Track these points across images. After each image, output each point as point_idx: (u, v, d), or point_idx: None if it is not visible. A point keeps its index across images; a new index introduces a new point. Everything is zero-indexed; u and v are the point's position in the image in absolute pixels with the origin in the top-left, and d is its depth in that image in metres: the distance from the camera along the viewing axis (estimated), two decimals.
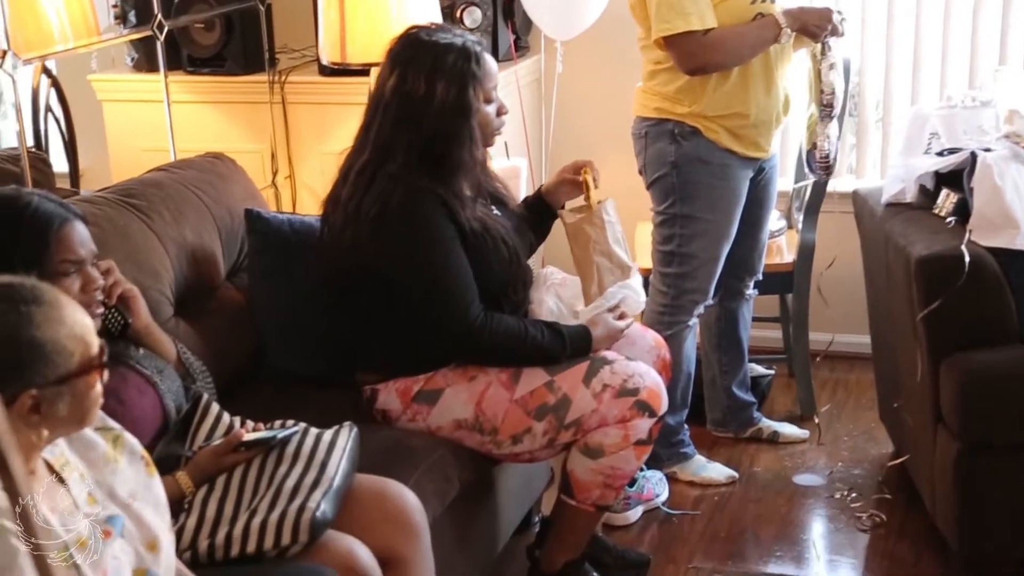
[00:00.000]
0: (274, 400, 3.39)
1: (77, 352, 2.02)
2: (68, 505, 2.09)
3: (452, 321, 3.37)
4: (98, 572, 2.04)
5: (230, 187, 3.99)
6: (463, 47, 3.43)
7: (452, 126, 3.40)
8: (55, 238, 2.62)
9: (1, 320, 1.97)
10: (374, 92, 3.55)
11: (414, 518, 2.94)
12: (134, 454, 2.31)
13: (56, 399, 2.01)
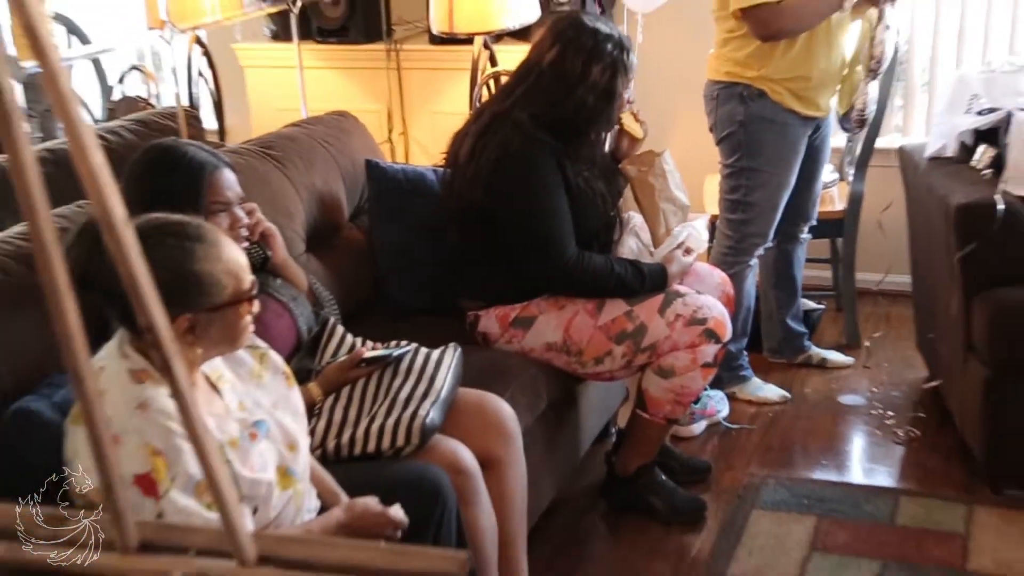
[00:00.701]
0: (390, 324, 3.41)
1: (230, 286, 2.09)
2: (222, 410, 2.19)
3: (550, 257, 3.41)
4: (246, 467, 2.15)
5: (353, 141, 4.05)
6: (620, 39, 3.49)
7: (596, 107, 3.45)
8: (207, 182, 2.68)
9: (168, 252, 2.05)
10: (530, 59, 3.54)
11: (509, 426, 3.00)
12: (277, 369, 2.40)
13: (209, 324, 2.10)
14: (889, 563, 3.44)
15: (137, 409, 2.03)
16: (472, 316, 3.56)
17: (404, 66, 5.05)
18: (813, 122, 4.25)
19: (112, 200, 1.38)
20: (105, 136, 3.64)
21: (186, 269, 2.07)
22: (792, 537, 3.58)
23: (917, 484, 3.94)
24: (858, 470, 4.09)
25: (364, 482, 2.52)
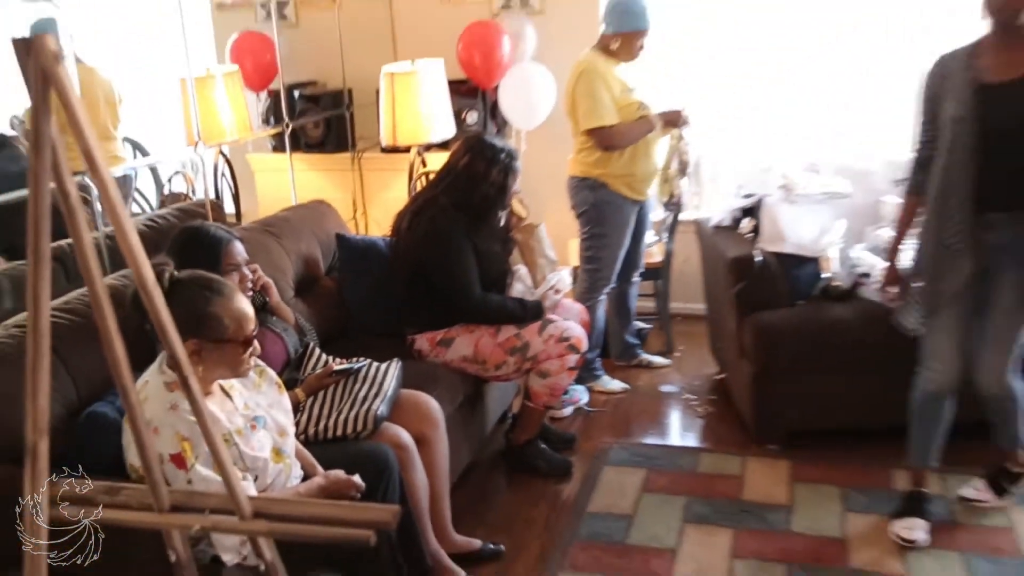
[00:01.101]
0: (353, 346, 3.35)
1: (231, 328, 2.12)
2: (232, 409, 2.22)
3: (463, 298, 3.44)
4: (249, 447, 2.17)
5: (327, 220, 4.05)
6: (510, 151, 3.54)
7: (495, 197, 3.49)
8: (224, 251, 2.73)
9: (194, 296, 2.11)
10: (449, 163, 3.56)
11: (435, 415, 3.02)
12: (271, 381, 2.42)
13: (212, 352, 2.12)
14: (693, 498, 3.49)
15: (170, 409, 2.06)
16: (410, 339, 3.55)
17: (364, 167, 5.06)
18: (639, 203, 4.29)
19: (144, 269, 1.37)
20: (156, 219, 3.68)
21: (201, 309, 2.10)
22: (630, 483, 3.61)
23: (711, 444, 3.98)
24: (674, 436, 4.14)
25: (335, 457, 2.53)
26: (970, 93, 2.66)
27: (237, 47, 4.80)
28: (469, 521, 3.32)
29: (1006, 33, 2.63)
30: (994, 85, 2.66)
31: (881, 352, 3.61)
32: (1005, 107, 2.64)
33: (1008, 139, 2.65)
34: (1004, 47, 2.67)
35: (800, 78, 5.05)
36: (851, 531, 3.23)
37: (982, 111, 2.64)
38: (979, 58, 2.70)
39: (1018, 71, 2.64)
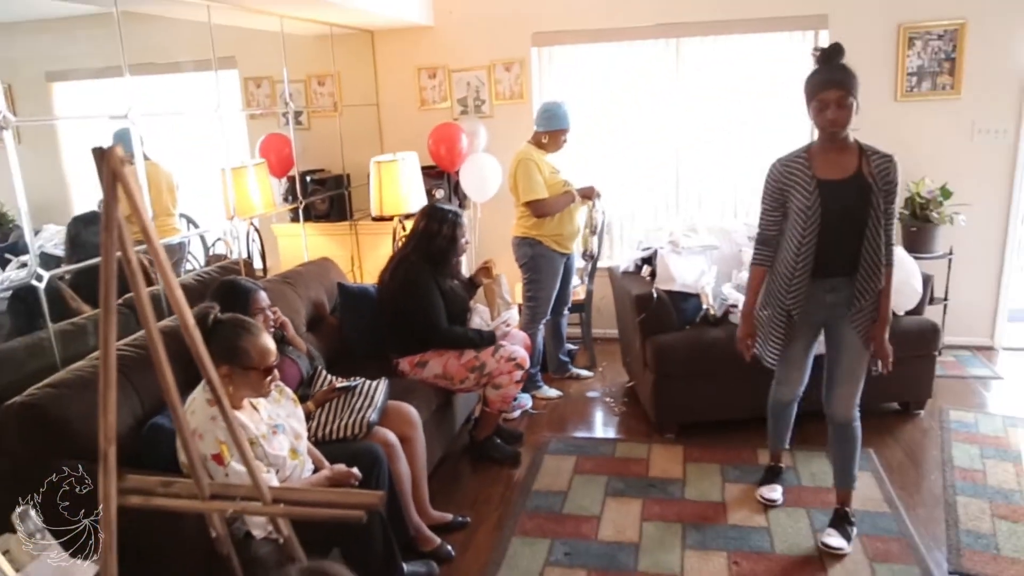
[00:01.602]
0: (351, 368, 3.28)
1: (256, 359, 2.12)
2: (258, 419, 2.21)
3: (433, 330, 3.41)
4: (271, 448, 2.16)
5: (331, 273, 4.01)
6: (455, 212, 3.53)
7: (447, 247, 3.48)
8: (251, 299, 2.73)
9: (230, 333, 2.11)
10: (413, 227, 3.56)
11: (415, 420, 3.00)
12: (289, 396, 2.41)
13: (240, 376, 2.12)
14: (612, 476, 3.49)
15: (211, 420, 2.05)
16: (395, 361, 3.52)
17: (359, 232, 5.03)
18: (566, 256, 4.30)
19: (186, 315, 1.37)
20: (202, 275, 3.63)
21: (234, 343, 2.09)
22: (565, 467, 3.60)
23: (625, 435, 3.96)
24: (597, 430, 4.09)
25: (338, 454, 2.53)
26: (814, 187, 2.61)
27: (264, 145, 4.80)
28: (443, 500, 3.30)
29: (831, 142, 2.62)
30: (829, 182, 2.61)
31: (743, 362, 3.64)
32: (839, 200, 2.60)
33: (841, 223, 2.62)
34: (833, 151, 2.63)
35: (682, 162, 5.13)
36: (728, 496, 3.27)
37: (823, 202, 2.60)
38: (814, 160, 2.66)
39: (846, 172, 2.61)
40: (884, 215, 2.62)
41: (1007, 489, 3.27)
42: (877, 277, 2.68)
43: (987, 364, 4.71)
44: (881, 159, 2.62)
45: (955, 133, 4.69)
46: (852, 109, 2.55)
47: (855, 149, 2.64)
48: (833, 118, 2.55)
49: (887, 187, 2.60)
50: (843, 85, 2.53)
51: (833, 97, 2.53)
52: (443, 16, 5.11)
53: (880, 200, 2.59)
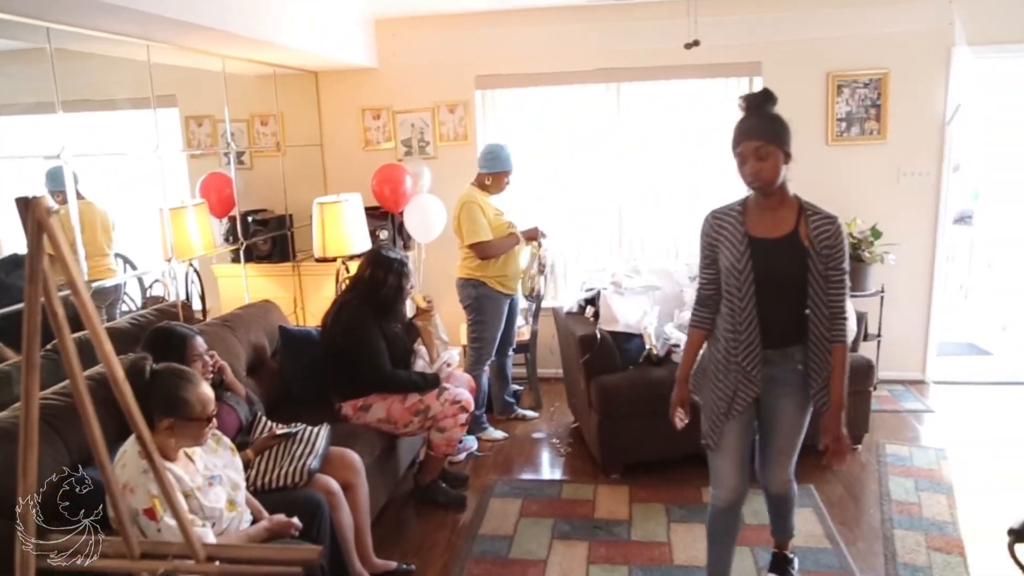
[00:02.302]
0: (292, 413, 3.26)
1: (198, 408, 2.08)
2: (193, 470, 2.14)
3: (376, 374, 3.38)
4: (207, 500, 2.09)
5: (272, 315, 3.94)
6: (402, 260, 3.51)
7: (394, 297, 3.46)
8: (187, 345, 2.67)
9: (170, 384, 2.05)
10: (358, 273, 3.54)
11: (357, 466, 2.94)
12: (226, 445, 2.35)
13: (182, 428, 2.07)
14: (558, 519, 3.47)
15: (143, 472, 1.97)
16: (337, 406, 3.47)
17: (302, 273, 4.97)
18: (510, 297, 4.31)
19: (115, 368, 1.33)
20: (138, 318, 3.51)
21: (175, 394, 2.04)
22: (511, 510, 3.56)
23: (571, 476, 3.94)
24: (543, 471, 4.06)
25: (278, 504, 2.47)
26: (745, 245, 2.32)
27: (205, 185, 4.72)
28: (387, 546, 3.23)
29: (766, 197, 2.34)
30: (762, 240, 2.33)
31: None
32: (771, 260, 2.32)
33: (774, 287, 2.33)
34: (768, 206, 2.35)
35: (624, 203, 5.22)
36: (674, 536, 3.27)
37: (754, 263, 2.32)
38: (747, 215, 2.38)
39: (781, 230, 2.32)
40: (825, 281, 2.31)
41: (941, 521, 3.35)
42: (826, 351, 2.36)
43: (919, 398, 4.85)
44: (821, 220, 2.31)
45: (883, 176, 4.89)
46: (777, 160, 2.26)
47: (794, 206, 2.35)
48: (753, 171, 2.27)
49: (826, 251, 2.28)
50: (761, 134, 2.25)
51: (750, 149, 2.26)
52: (387, 58, 5.15)
53: (817, 265, 2.29)
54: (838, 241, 2.29)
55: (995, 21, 4.60)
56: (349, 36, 4.74)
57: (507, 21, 4.96)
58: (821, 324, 2.35)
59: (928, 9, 4.65)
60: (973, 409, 4.68)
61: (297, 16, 4.05)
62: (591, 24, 4.89)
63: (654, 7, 4.76)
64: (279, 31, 3.86)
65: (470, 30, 5.01)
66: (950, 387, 5.05)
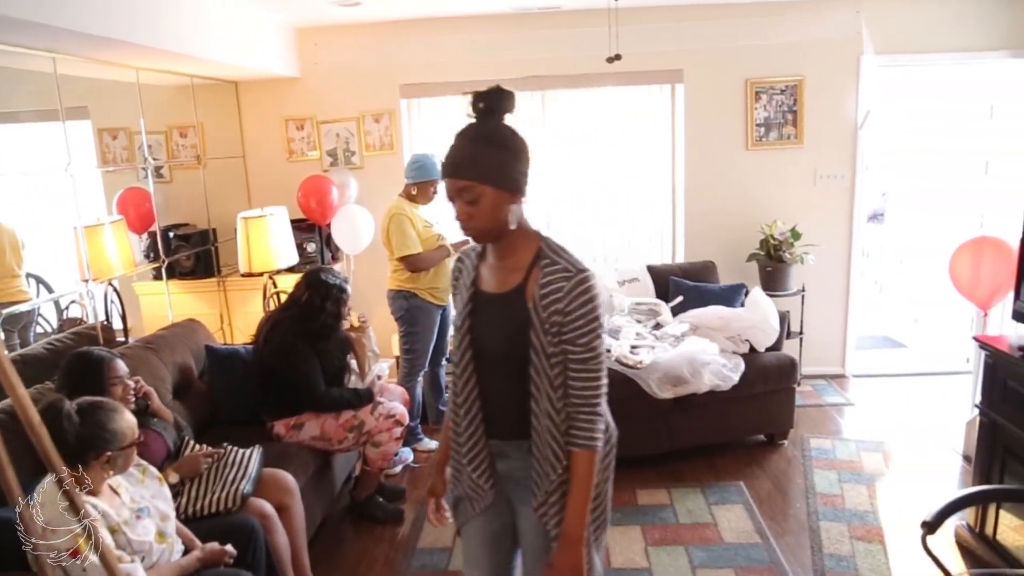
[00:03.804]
0: (222, 434, 3.17)
1: (129, 436, 2.06)
2: (119, 504, 2.10)
3: (311, 394, 3.34)
4: (135, 534, 2.05)
5: (198, 334, 3.85)
6: (341, 284, 3.46)
7: (332, 323, 3.41)
8: (106, 369, 2.60)
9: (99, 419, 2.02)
10: (294, 295, 3.45)
11: (291, 487, 2.91)
12: (153, 475, 2.30)
13: (118, 457, 2.04)
14: None
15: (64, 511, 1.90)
16: (269, 425, 3.42)
17: (228, 289, 4.89)
18: (442, 307, 4.30)
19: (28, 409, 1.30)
20: (54, 342, 3.40)
21: (107, 427, 2.02)
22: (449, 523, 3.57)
23: None
24: None
25: (210, 531, 2.43)
26: (468, 299, 1.78)
27: (122, 200, 4.59)
28: (325, 565, 3.21)
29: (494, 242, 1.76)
30: (485, 295, 1.77)
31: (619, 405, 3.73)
32: (490, 323, 1.75)
33: (494, 360, 1.75)
34: (498, 251, 1.77)
35: (551, 209, 5.30)
36: (611, 540, 3.32)
37: (471, 323, 1.77)
38: (483, 260, 1.82)
39: (507, 284, 1.73)
40: (556, 359, 1.66)
41: (862, 511, 3.52)
42: (556, 454, 1.70)
43: (840, 392, 5.08)
44: (556, 275, 1.66)
45: (800, 179, 5.10)
46: (494, 203, 1.65)
47: (531, 252, 1.73)
48: (461, 217, 1.68)
49: (556, 317, 1.64)
50: (467, 171, 1.64)
51: (454, 190, 1.67)
52: (310, 67, 5.09)
53: (542, 336, 1.65)
54: (575, 305, 1.63)
55: (899, 32, 4.86)
56: (268, 45, 4.68)
57: (431, 29, 4.97)
58: (548, 418, 1.68)
59: (839, 19, 4.88)
60: (890, 400, 4.92)
61: (212, 26, 3.98)
62: (515, 33, 4.94)
63: (577, 16, 4.85)
64: (193, 42, 3.78)
65: (394, 39, 5.00)
66: (868, 380, 5.30)
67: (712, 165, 5.09)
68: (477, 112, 1.68)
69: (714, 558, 3.16)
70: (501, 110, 1.69)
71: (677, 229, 5.24)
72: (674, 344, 4.01)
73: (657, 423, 3.89)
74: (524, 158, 1.70)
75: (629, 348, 3.95)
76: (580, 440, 1.68)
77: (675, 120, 5.12)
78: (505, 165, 1.66)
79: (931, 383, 5.17)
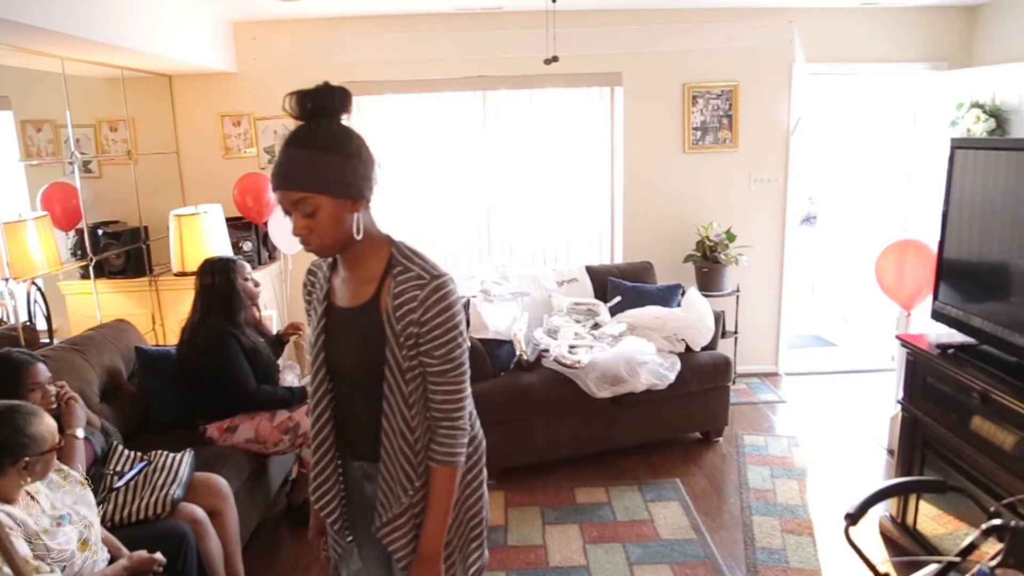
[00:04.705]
0: (153, 439, 3.16)
1: (49, 440, 1.99)
2: (38, 511, 2.02)
3: (241, 392, 3.26)
4: (55, 543, 1.97)
5: (127, 335, 3.73)
6: (226, 259, 3.42)
7: (229, 293, 3.33)
8: (25, 373, 2.51)
9: (16, 422, 1.96)
10: (201, 290, 3.38)
11: (224, 491, 2.85)
12: (75, 480, 2.21)
13: (37, 463, 1.97)
14: None
15: None
16: (201, 428, 3.33)
17: (160, 288, 4.73)
18: None
19: None
20: None
21: (27, 431, 1.94)
22: None
23: None
24: None
25: (139, 538, 2.35)
26: (322, 313, 1.68)
27: (47, 196, 4.41)
28: (260, 571, 3.15)
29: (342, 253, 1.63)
30: (338, 309, 1.67)
31: (558, 404, 3.82)
32: (343, 339, 1.66)
33: (357, 376, 1.67)
34: (348, 262, 1.64)
35: (493, 210, 5.29)
36: (549, 539, 3.36)
37: (327, 339, 1.68)
38: (335, 272, 1.70)
39: (360, 297, 1.63)
40: (406, 375, 1.58)
41: (793, 505, 3.62)
42: (409, 475, 1.63)
43: (773, 389, 5.21)
44: (410, 282, 1.57)
45: (735, 182, 5.22)
46: (334, 213, 1.52)
47: (382, 261, 1.62)
48: (299, 231, 1.54)
49: (412, 328, 1.56)
50: (300, 181, 1.49)
51: (285, 202, 1.53)
52: (247, 62, 4.99)
53: (398, 351, 1.57)
54: (431, 315, 1.55)
55: (829, 42, 5.01)
56: (202, 38, 4.56)
57: (373, 27, 4.92)
58: (402, 438, 1.61)
59: (772, 28, 5.01)
60: (821, 397, 5.07)
61: (141, 16, 3.86)
62: (457, 32, 4.93)
63: (517, 17, 4.87)
64: (119, 32, 3.65)
65: (335, 36, 4.94)
66: (800, 377, 5.46)
67: (650, 167, 5.16)
68: (306, 114, 1.52)
69: (651, 554, 3.21)
70: (334, 110, 1.54)
71: (616, 230, 5.30)
72: (612, 344, 4.05)
73: (595, 422, 3.93)
74: (364, 160, 1.55)
75: (567, 348, 3.98)
76: (439, 456, 1.61)
77: (614, 122, 5.17)
78: (343, 171, 1.51)
79: (859, 380, 5.35)
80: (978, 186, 2.83)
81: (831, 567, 3.10)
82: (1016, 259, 2.63)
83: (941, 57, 5.08)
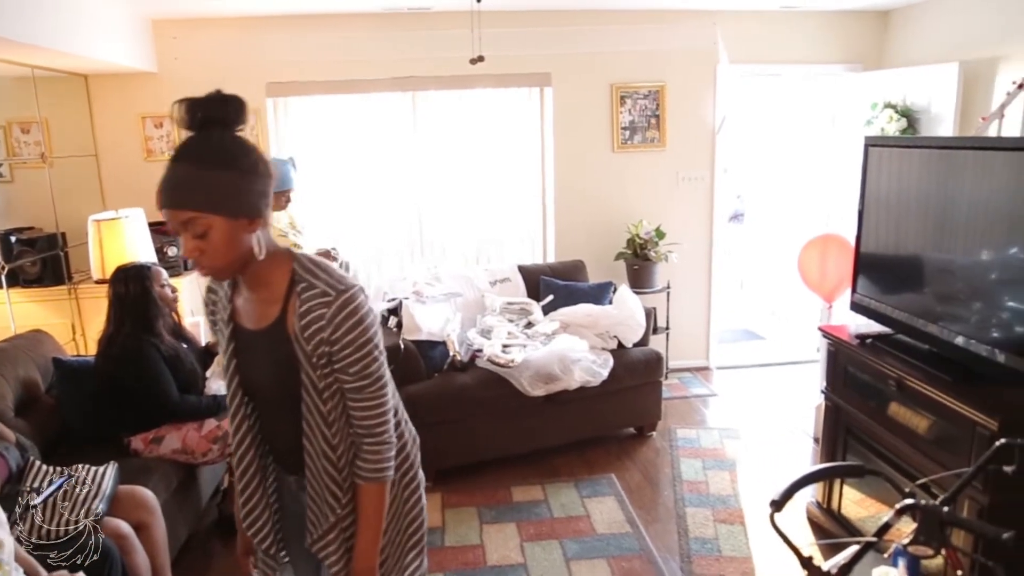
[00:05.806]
0: (74, 453, 3.05)
1: None
2: None
3: (164, 402, 3.17)
4: None
5: (45, 346, 3.57)
6: (140, 265, 3.30)
7: (143, 300, 3.21)
8: None
9: None
10: (115, 300, 3.24)
11: (151, 503, 2.78)
12: None
13: None
14: None
15: None
16: (126, 441, 3.23)
17: (80, 296, 4.55)
18: None
19: None
20: None
21: None
22: None
23: None
24: None
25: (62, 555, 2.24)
26: (229, 335, 1.62)
27: None
28: None
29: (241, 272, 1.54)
30: (244, 331, 1.61)
31: (492, 404, 3.83)
32: (253, 361, 1.61)
33: (266, 398, 1.64)
34: (248, 281, 1.57)
35: (424, 211, 5.27)
36: (486, 538, 3.37)
37: (239, 362, 1.63)
38: (237, 293, 1.63)
39: (266, 318, 1.56)
40: (323, 394, 1.55)
41: (725, 495, 3.71)
42: (335, 493, 1.61)
43: (704, 383, 5.33)
44: (315, 300, 1.50)
45: (664, 180, 5.32)
46: (228, 233, 1.43)
47: (285, 278, 1.54)
48: (190, 252, 1.45)
49: (323, 347, 1.51)
50: (190, 200, 1.40)
51: (173, 222, 1.43)
52: (168, 63, 4.85)
53: (311, 371, 1.53)
54: (341, 332, 1.49)
55: (750, 43, 5.16)
56: (120, 37, 4.41)
57: (299, 27, 4.84)
58: (324, 458, 1.59)
59: (697, 30, 5.13)
60: (750, 389, 5.22)
61: (54, 13, 3.71)
62: (384, 32, 4.89)
63: (443, 18, 4.86)
64: (30, 30, 3.49)
65: (260, 35, 4.84)
66: (731, 371, 5.60)
67: (580, 167, 5.22)
68: (196, 124, 1.42)
69: (587, 549, 3.25)
70: (228, 121, 1.43)
71: (547, 229, 5.34)
72: (545, 342, 4.09)
73: (530, 420, 3.96)
74: (261, 175, 1.46)
75: (501, 347, 4.00)
76: (365, 473, 1.58)
77: (544, 123, 5.21)
78: (237, 188, 1.41)
79: (787, 372, 5.52)
80: (892, 183, 2.96)
81: (761, 553, 3.19)
82: (928, 252, 2.75)
83: (856, 59, 5.28)
